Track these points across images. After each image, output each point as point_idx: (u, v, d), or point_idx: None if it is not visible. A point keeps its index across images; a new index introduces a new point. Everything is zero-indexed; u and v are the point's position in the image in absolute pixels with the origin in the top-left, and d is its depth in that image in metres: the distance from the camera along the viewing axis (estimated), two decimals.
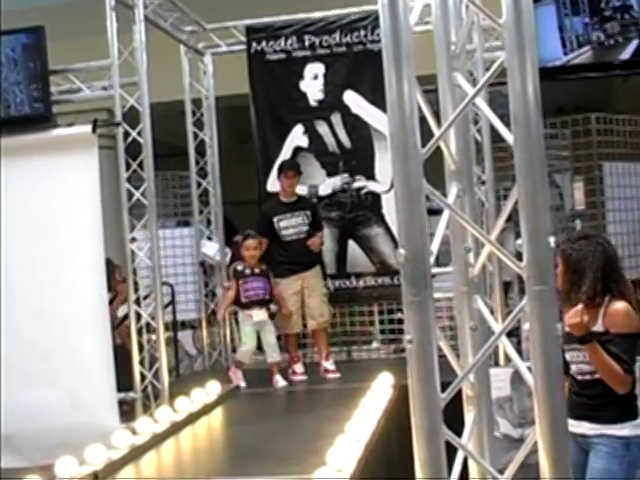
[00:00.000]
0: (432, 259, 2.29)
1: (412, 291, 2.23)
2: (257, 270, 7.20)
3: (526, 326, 2.29)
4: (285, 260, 7.61)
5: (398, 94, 2.23)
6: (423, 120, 2.37)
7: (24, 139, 6.69)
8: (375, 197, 8.41)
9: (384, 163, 8.16)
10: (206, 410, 6.20)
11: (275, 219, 7.64)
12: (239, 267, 7.26)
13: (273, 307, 7.29)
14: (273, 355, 7.25)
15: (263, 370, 7.87)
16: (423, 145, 2.25)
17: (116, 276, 7.97)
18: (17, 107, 6.74)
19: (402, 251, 2.23)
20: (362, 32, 8.41)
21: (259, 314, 7.12)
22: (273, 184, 8.51)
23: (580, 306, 3.53)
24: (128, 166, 6.84)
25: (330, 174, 8.60)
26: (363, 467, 4.29)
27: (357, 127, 8.51)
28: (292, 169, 7.81)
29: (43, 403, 6.39)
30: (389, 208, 8.17)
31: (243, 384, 7.15)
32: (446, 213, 2.47)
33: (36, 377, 6.48)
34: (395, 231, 7.76)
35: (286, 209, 7.68)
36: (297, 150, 8.65)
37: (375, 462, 4.65)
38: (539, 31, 2.41)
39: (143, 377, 6.78)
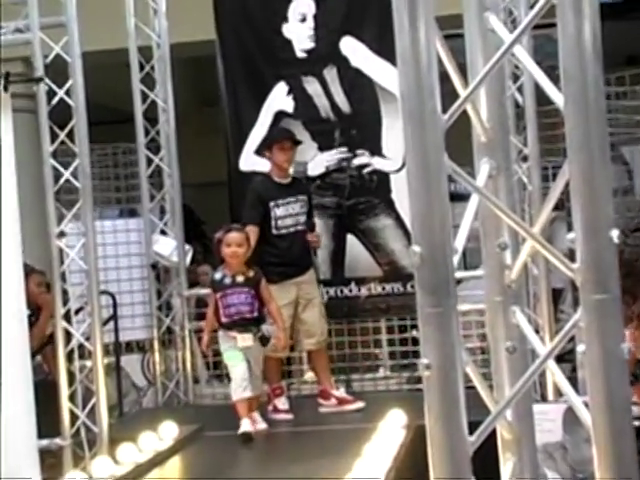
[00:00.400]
0: (456, 259, 2.29)
1: (431, 301, 2.22)
2: (240, 278, 6.95)
3: (581, 347, 2.30)
4: (277, 260, 7.61)
5: (411, 41, 2.22)
6: (445, 77, 2.38)
7: None
8: (382, 178, 8.42)
9: (394, 133, 8.17)
10: (158, 461, 6.21)
11: (271, 204, 7.58)
12: (217, 275, 7.11)
13: (266, 328, 7.08)
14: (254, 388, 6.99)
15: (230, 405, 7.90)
16: (445, 110, 2.26)
17: (34, 285, 7.95)
18: None
19: (417, 249, 2.23)
20: None
21: (244, 338, 6.88)
22: (247, 161, 8.53)
23: (629, 330, 3.32)
24: (54, 136, 6.86)
25: (323, 148, 8.63)
26: None
27: (358, 85, 8.53)
28: (289, 138, 7.77)
29: None
30: (400, 192, 8.15)
31: (263, 426, 7.11)
32: (475, 199, 2.48)
33: None
34: (408, 223, 7.77)
35: (283, 193, 7.65)
36: (279, 116, 8.64)
37: None
38: None
39: (74, 417, 6.79)
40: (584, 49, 2.18)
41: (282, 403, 7.64)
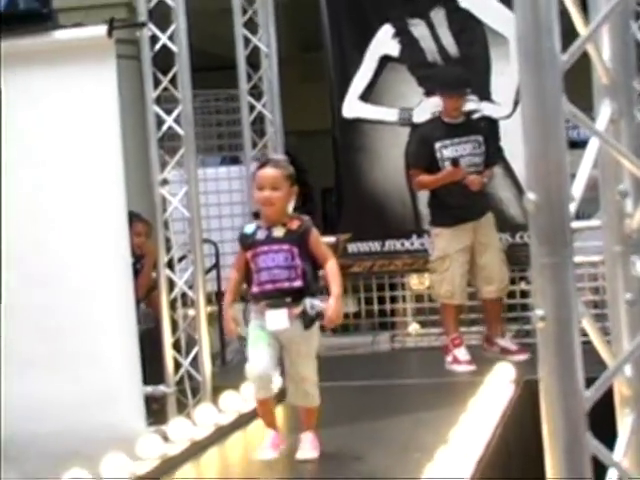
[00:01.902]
0: (574, 207, 2.24)
1: (546, 250, 2.17)
2: (278, 232, 5.13)
3: None
4: (451, 202, 7.48)
5: None
6: (564, 14, 2.31)
7: (19, 44, 6.73)
8: (491, 124, 8.28)
9: (504, 79, 8.12)
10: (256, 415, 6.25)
11: (437, 145, 7.49)
12: (248, 228, 5.32)
13: (310, 303, 5.13)
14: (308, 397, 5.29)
15: (334, 357, 7.94)
16: (564, 49, 2.20)
17: (138, 233, 8.02)
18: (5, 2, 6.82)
19: (532, 196, 2.18)
20: None
21: (275, 317, 5.07)
22: (351, 108, 8.53)
23: None
24: (157, 82, 6.89)
25: (429, 93, 8.52)
26: None
27: (467, 28, 8.47)
28: (458, 88, 7.60)
29: (46, 398, 6.49)
30: (510, 139, 8.02)
31: (271, 454, 5.23)
32: (594, 144, 2.41)
33: (37, 364, 6.58)
34: (518, 172, 7.68)
35: (452, 133, 7.54)
36: (384, 60, 8.63)
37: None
38: None
39: (178, 365, 6.88)
40: None
41: (463, 354, 7.49)
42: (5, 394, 6.46)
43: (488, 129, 7.77)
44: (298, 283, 5.06)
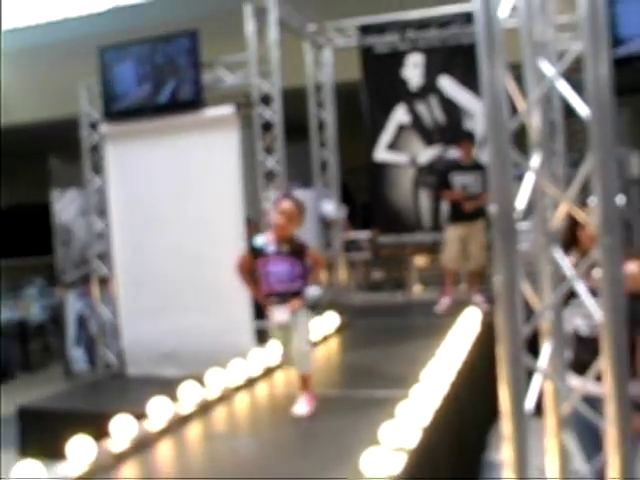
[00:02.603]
0: (517, 214, 2.23)
1: (501, 239, 2.18)
2: (285, 248, 4.15)
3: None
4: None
5: (490, 77, 2.17)
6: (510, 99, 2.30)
7: (182, 119, 6.82)
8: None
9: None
10: (325, 337, 6.28)
11: (449, 175, 7.39)
12: (259, 241, 4.23)
13: (311, 294, 4.61)
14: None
15: (368, 306, 7.93)
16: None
17: (252, 230, 8.06)
18: (174, 93, 6.87)
19: (493, 207, 2.19)
20: (455, 29, 8.28)
21: (279, 312, 4.12)
22: (380, 154, 8.61)
23: None
24: (263, 140, 6.91)
25: (427, 145, 8.55)
26: (452, 385, 4.28)
27: (450, 107, 8.41)
28: (466, 140, 7.55)
29: (197, 326, 6.63)
30: None
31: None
32: (530, 176, 2.39)
33: (192, 306, 6.70)
34: None
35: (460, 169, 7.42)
36: (400, 126, 8.64)
37: (461, 381, 4.63)
38: None
39: None
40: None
41: (446, 301, 7.43)
42: (176, 323, 6.59)
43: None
44: (298, 284, 4.11)
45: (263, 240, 4.17)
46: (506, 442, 2.22)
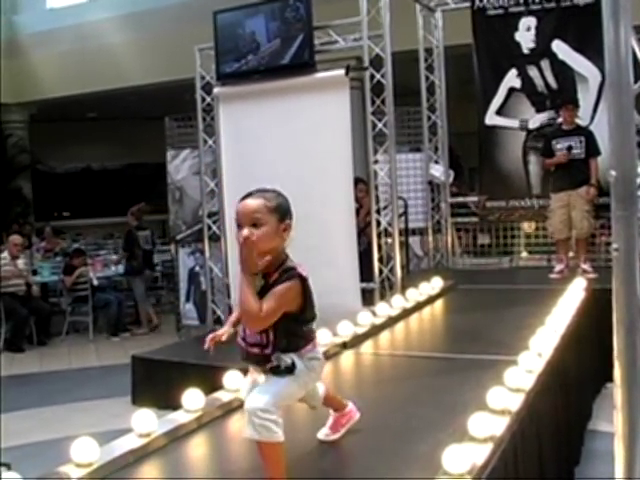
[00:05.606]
0: (638, 180, 2.16)
1: (620, 207, 2.12)
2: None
3: None
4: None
5: (614, 38, 2.09)
6: (636, 61, 2.22)
7: (294, 81, 6.87)
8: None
9: (584, 103, 7.83)
10: (430, 300, 6.27)
11: (553, 142, 7.35)
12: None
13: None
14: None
15: (474, 271, 7.83)
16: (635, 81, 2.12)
17: (359, 190, 8.06)
18: (289, 56, 6.92)
19: (613, 172, 2.12)
20: None
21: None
22: (490, 118, 8.39)
23: None
24: (373, 102, 6.88)
25: (539, 110, 8.31)
26: (559, 354, 4.21)
27: (563, 71, 8.12)
28: (570, 103, 7.49)
29: None
30: None
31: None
32: None
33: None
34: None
35: (564, 134, 7.34)
36: (511, 90, 8.42)
37: (567, 350, 4.54)
38: None
39: (381, 271, 6.91)
40: None
41: (558, 268, 7.39)
42: None
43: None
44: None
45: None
46: (617, 411, 2.18)
